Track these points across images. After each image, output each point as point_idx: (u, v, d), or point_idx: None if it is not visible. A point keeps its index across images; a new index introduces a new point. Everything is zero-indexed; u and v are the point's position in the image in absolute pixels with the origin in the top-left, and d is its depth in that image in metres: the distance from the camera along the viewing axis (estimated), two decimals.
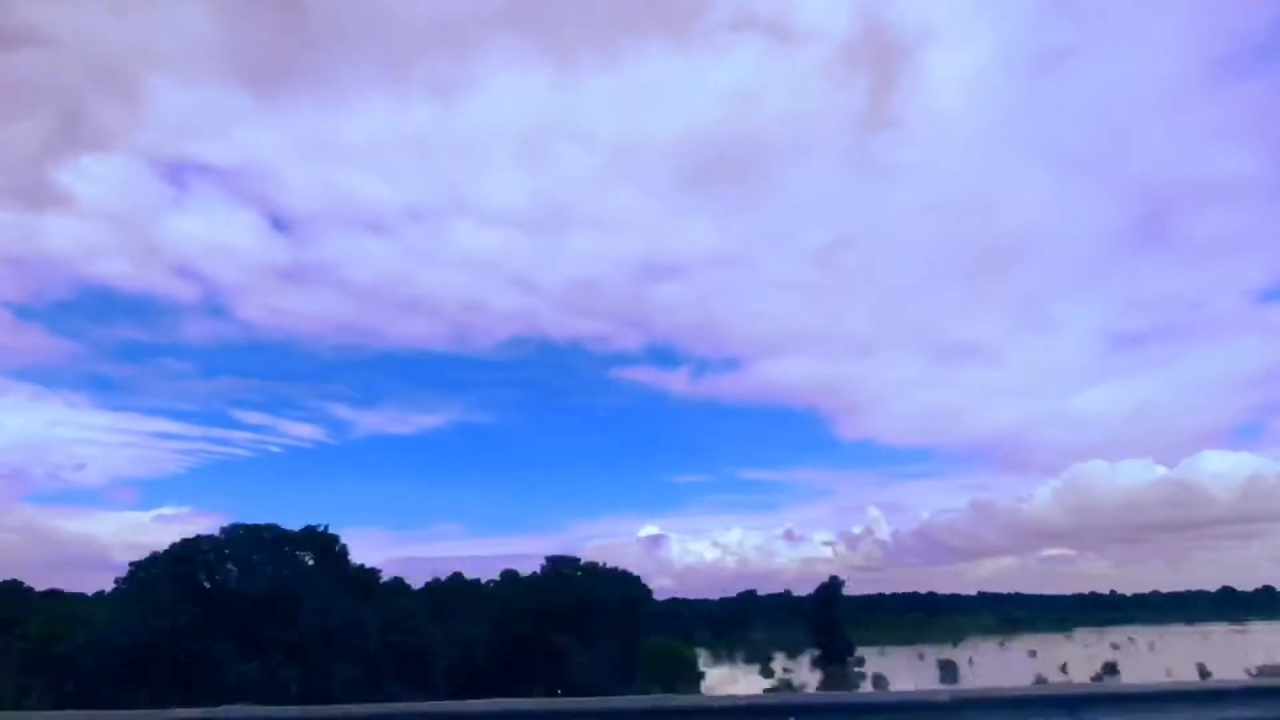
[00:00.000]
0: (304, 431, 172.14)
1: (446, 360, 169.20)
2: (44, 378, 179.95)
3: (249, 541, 43.70)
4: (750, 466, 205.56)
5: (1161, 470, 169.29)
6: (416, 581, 58.83)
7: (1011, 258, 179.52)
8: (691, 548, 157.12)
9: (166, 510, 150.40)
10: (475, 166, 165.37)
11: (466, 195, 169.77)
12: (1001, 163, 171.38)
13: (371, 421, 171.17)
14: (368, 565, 49.29)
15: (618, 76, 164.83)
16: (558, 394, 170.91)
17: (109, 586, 46.07)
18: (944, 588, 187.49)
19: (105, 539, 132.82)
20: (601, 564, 61.71)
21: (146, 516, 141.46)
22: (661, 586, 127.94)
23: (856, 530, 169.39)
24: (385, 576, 52.33)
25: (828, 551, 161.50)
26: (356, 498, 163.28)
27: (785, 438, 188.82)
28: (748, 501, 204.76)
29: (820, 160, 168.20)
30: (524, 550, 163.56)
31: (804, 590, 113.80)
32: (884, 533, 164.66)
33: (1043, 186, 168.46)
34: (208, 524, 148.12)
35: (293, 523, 45.75)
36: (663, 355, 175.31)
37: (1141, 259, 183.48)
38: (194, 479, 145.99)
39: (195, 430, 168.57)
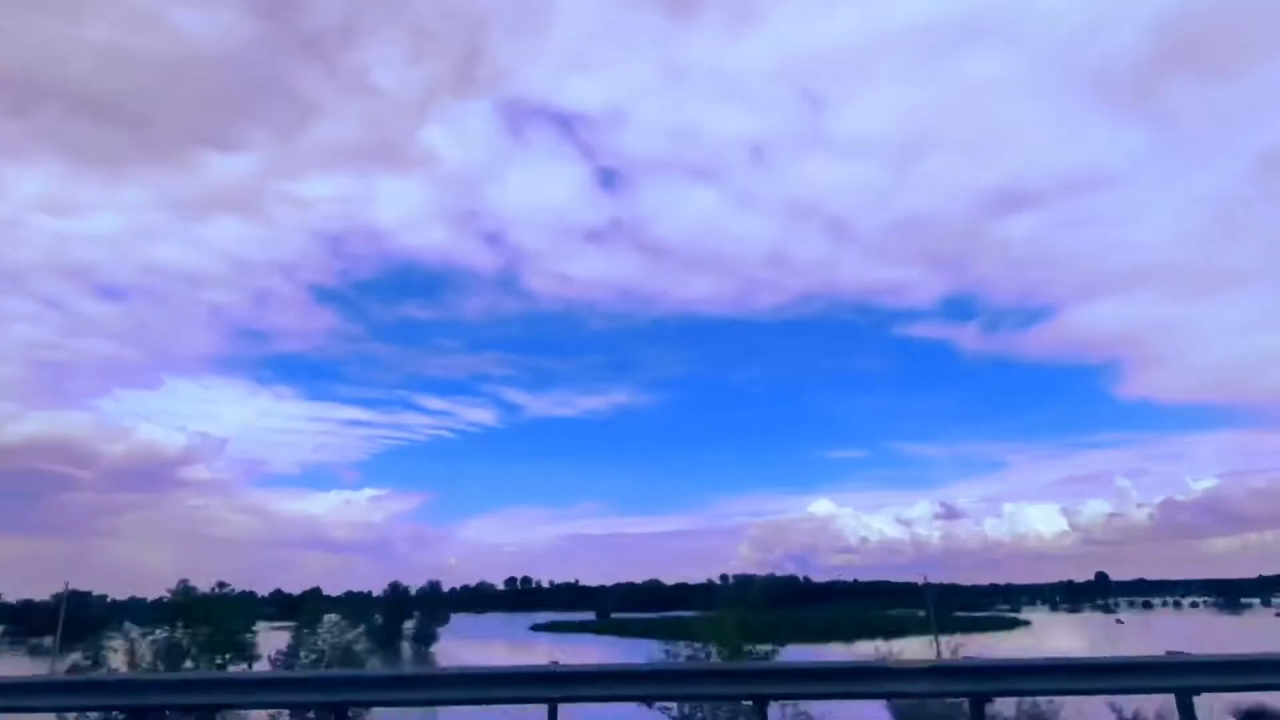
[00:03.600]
0: (479, 416, 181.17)
1: (718, 325, 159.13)
2: (296, 365, 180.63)
3: None
4: (937, 439, 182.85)
5: None
6: None
7: None
8: (867, 523, 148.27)
9: (369, 491, 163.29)
10: (852, 85, 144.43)
11: (826, 123, 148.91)
12: None
13: (539, 405, 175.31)
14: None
15: None
16: (828, 355, 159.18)
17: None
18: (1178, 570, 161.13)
19: (323, 518, 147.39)
20: None
21: (362, 497, 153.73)
22: (847, 562, 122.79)
23: (1102, 505, 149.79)
24: None
25: (1051, 527, 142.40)
26: (522, 477, 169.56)
27: (1050, 400, 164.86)
28: (905, 477, 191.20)
29: None
30: (668, 528, 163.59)
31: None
32: (1134, 506, 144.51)
33: None
34: (407, 504, 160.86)
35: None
36: (960, 307, 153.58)
37: None
38: (377, 464, 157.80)
39: (381, 417, 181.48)
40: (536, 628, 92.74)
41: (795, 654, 19.20)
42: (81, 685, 8.83)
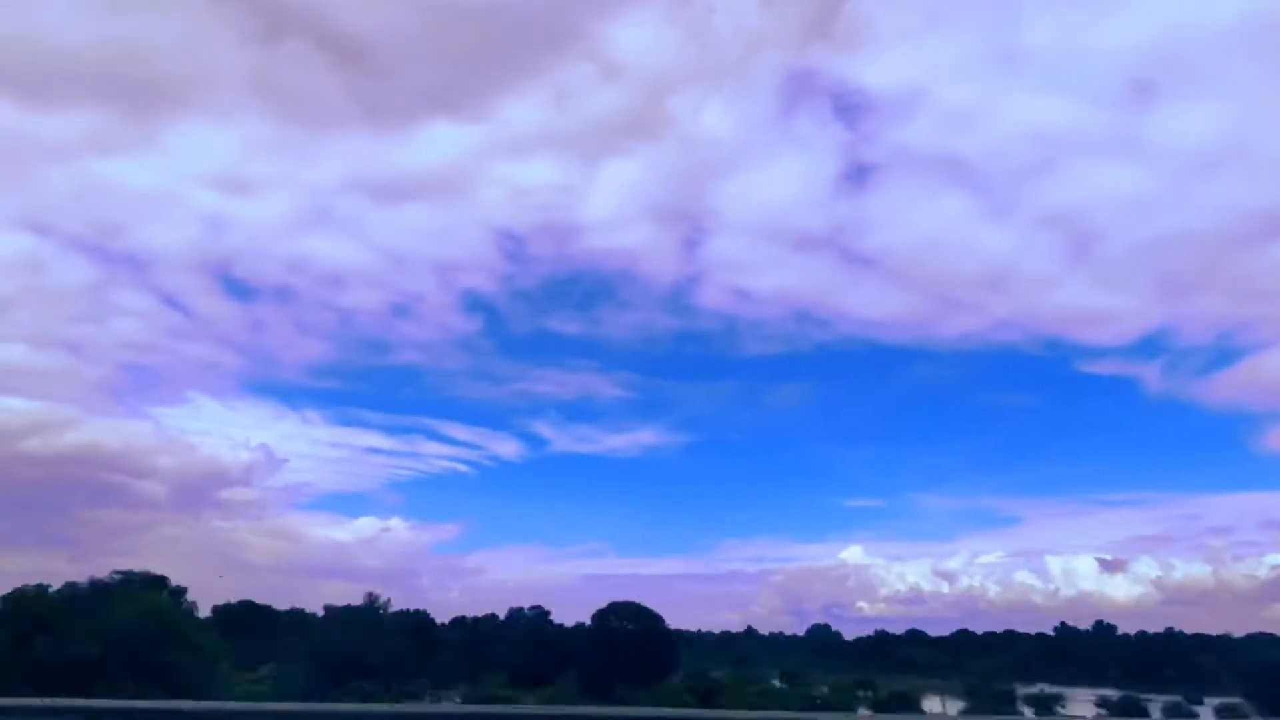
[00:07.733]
0: (503, 449, 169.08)
1: (886, 353, 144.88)
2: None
3: None
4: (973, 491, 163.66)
5: None
6: None
7: None
8: (896, 570, 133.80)
9: (391, 521, 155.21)
10: (1194, 79, 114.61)
11: (1138, 122, 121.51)
12: None
13: (563, 442, 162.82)
14: None
15: None
16: (988, 391, 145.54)
17: None
18: None
19: (352, 547, 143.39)
20: None
21: (404, 524, 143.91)
22: (886, 614, 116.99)
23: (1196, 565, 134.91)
24: None
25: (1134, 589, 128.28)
26: (537, 513, 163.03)
27: (1197, 451, 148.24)
28: (925, 529, 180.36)
29: None
30: (670, 570, 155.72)
31: None
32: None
33: None
34: (429, 537, 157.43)
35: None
36: (1157, 344, 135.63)
37: None
38: (388, 494, 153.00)
39: (401, 445, 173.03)
40: None
41: None
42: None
